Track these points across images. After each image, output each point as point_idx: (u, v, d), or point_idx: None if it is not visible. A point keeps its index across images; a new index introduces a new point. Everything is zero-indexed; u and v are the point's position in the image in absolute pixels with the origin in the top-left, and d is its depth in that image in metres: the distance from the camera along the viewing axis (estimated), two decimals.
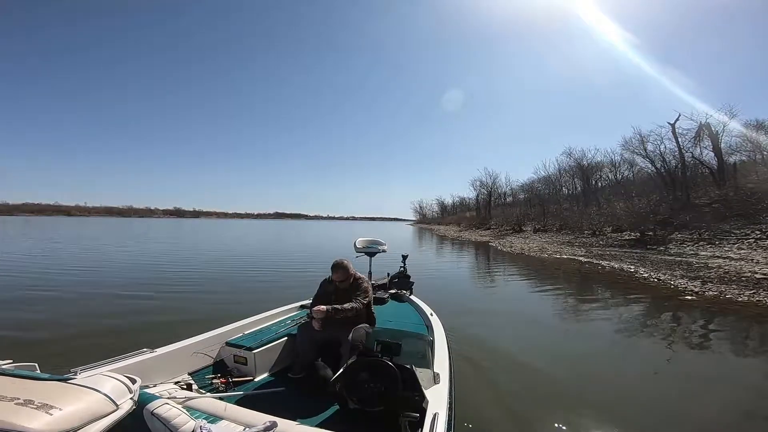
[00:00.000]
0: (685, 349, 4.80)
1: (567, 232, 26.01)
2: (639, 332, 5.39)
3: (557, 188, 42.11)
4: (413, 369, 1.94)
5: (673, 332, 5.50)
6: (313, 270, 10.70)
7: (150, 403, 1.33)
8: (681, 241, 15.21)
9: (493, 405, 3.13)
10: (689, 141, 24.24)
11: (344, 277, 2.86)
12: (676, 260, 11.52)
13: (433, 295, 4.45)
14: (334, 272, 2.86)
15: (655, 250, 14.28)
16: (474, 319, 5.74)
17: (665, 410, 3.07)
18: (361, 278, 2.95)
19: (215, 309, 6.09)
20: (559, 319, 6.31)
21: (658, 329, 5.59)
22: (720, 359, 4.35)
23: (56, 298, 6.90)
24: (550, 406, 3.12)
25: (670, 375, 3.88)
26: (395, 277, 4.85)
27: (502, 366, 3.94)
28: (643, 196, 25.28)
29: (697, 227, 16.12)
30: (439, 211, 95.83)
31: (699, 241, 14.53)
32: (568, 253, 15.87)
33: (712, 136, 23.37)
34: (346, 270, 2.87)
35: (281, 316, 3.49)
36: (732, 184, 20.35)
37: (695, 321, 5.96)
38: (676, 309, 6.60)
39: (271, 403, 2.10)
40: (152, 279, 9.16)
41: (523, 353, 4.26)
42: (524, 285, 9.69)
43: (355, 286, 2.89)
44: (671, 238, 16.10)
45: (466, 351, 4.14)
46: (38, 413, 0.98)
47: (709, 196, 20.98)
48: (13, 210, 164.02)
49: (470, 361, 3.95)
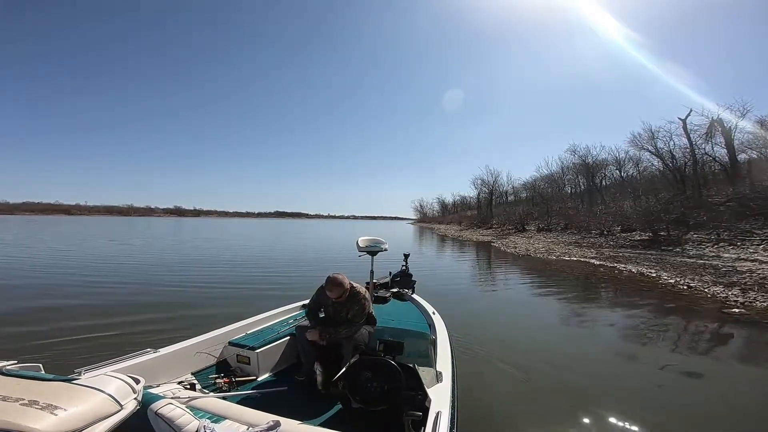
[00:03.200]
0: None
1: (573, 231, 25.18)
2: (684, 354, 4.46)
3: (560, 186, 41.24)
4: (416, 368, 1.95)
5: (740, 364, 4.26)
6: (313, 270, 11.03)
7: (154, 403, 1.33)
8: (698, 241, 14.34)
9: (497, 404, 3.12)
10: (700, 137, 23.32)
11: (340, 294, 2.70)
12: (698, 263, 10.67)
13: (434, 298, 4.29)
14: (329, 289, 2.68)
15: (671, 252, 13.42)
16: (475, 320, 5.70)
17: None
18: (358, 292, 2.77)
19: (218, 309, 6.14)
20: (567, 323, 6.03)
21: (711, 358, 4.39)
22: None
23: (58, 298, 6.87)
24: (552, 406, 3.08)
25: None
26: (397, 276, 4.80)
27: (505, 365, 3.89)
28: (651, 194, 24.34)
29: (715, 227, 15.18)
30: (439, 209, 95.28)
31: (719, 241, 13.67)
32: (577, 255, 15.06)
33: (725, 132, 22.44)
34: (342, 287, 2.70)
35: (284, 315, 3.46)
36: (747, 182, 19.40)
37: (759, 345, 4.80)
38: (726, 327, 5.52)
39: (274, 402, 2.10)
40: (153, 279, 9.13)
41: (528, 355, 4.21)
42: (531, 289, 9.05)
43: (352, 300, 2.74)
44: (687, 238, 15.17)
45: (468, 350, 4.11)
46: (43, 414, 0.99)
47: (723, 194, 20.04)
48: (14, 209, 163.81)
49: (473, 360, 3.94)
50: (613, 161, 34.18)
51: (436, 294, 7.15)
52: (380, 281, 4.55)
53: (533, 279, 10.53)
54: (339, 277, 2.70)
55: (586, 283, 9.75)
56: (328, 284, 2.67)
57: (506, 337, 5.05)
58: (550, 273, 11.37)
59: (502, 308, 7.16)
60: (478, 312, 6.61)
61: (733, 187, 19.79)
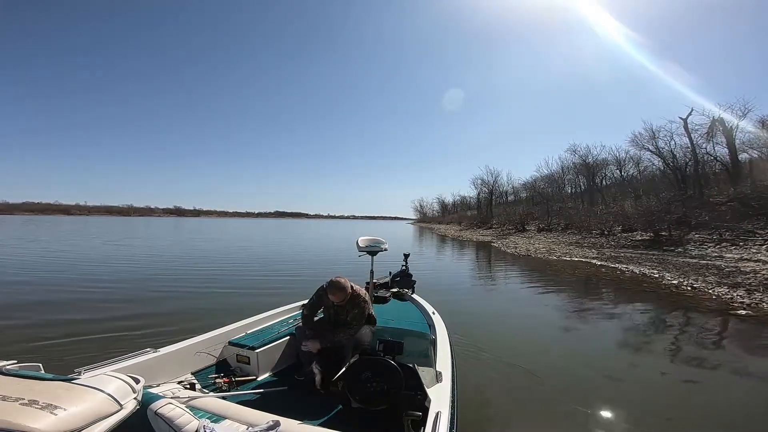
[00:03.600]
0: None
1: (573, 231, 25.09)
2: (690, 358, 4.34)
3: (560, 186, 41.15)
4: (416, 368, 1.94)
5: (749, 365, 4.14)
6: (313, 270, 11.13)
7: (153, 403, 1.33)
8: (700, 241, 14.23)
9: (496, 404, 3.11)
10: (701, 137, 23.23)
11: (343, 298, 2.68)
12: (700, 263, 10.56)
13: (434, 298, 4.27)
14: (332, 294, 2.66)
15: (673, 252, 13.31)
16: (476, 321, 5.69)
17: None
18: (358, 294, 2.75)
19: (217, 308, 6.12)
20: (568, 324, 5.96)
21: (720, 361, 4.24)
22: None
23: (58, 298, 6.85)
24: (553, 407, 3.07)
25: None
26: (397, 276, 4.80)
27: (506, 365, 3.88)
28: (651, 193, 24.24)
29: (717, 227, 15.09)
30: (439, 209, 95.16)
31: (721, 241, 13.56)
32: (578, 255, 14.93)
33: (726, 132, 22.34)
34: (345, 291, 2.68)
35: (283, 315, 3.45)
36: (749, 182, 19.31)
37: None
38: (732, 328, 5.47)
39: (274, 402, 2.13)
40: (153, 278, 9.10)
41: (529, 356, 4.19)
42: (531, 289, 8.90)
43: (352, 302, 2.72)
44: (688, 238, 15.08)
45: (468, 350, 4.08)
46: (43, 413, 0.99)
47: (724, 194, 19.95)
48: (13, 209, 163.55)
49: (473, 360, 3.92)
50: (614, 161, 34.13)
51: (435, 294, 7.08)
52: (380, 281, 4.57)
53: (534, 279, 10.40)
54: (342, 281, 2.67)
55: (587, 283, 9.65)
56: (332, 288, 2.64)
57: (507, 337, 5.04)
58: (552, 273, 11.21)
59: (503, 308, 7.10)
60: (478, 312, 6.58)
61: (734, 186, 19.70)
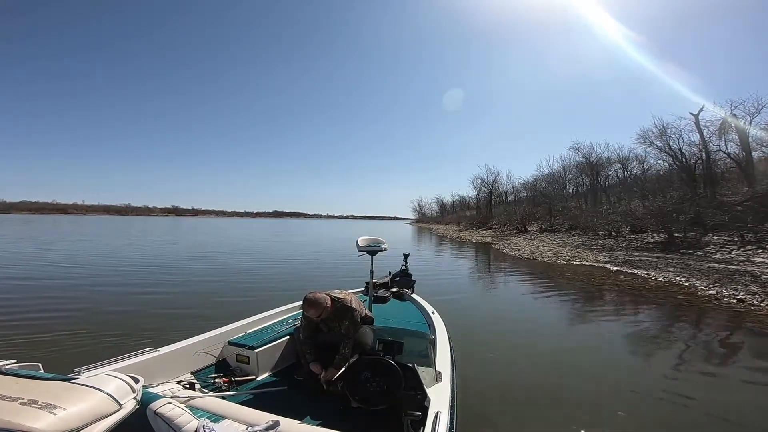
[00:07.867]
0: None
1: (578, 232, 24.07)
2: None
3: (562, 185, 40.17)
4: (415, 367, 1.95)
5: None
6: (314, 270, 11.13)
7: (153, 403, 1.33)
8: (720, 244, 13.19)
9: (496, 404, 3.10)
10: (713, 134, 22.22)
11: (319, 312, 2.53)
12: (729, 269, 9.51)
13: (434, 298, 4.22)
14: (306, 311, 2.57)
15: (693, 256, 12.29)
16: (476, 321, 5.68)
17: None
18: (343, 304, 2.65)
19: (217, 308, 6.09)
20: (576, 331, 5.70)
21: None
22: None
23: (58, 297, 6.81)
24: (553, 408, 3.04)
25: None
26: (397, 276, 4.78)
27: (506, 366, 3.88)
28: (660, 193, 23.20)
29: (738, 228, 14.04)
30: (438, 209, 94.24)
31: (744, 244, 12.49)
32: (589, 259, 13.84)
33: (739, 129, 21.31)
34: (320, 305, 2.53)
35: (283, 315, 3.42)
36: (765, 182, 18.29)
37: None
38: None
39: (273, 402, 2.10)
40: (152, 278, 9.10)
41: (529, 357, 4.18)
42: (541, 297, 8.01)
43: (340, 314, 2.64)
44: (706, 240, 14.03)
45: (468, 349, 4.10)
46: (42, 413, 0.98)
47: (738, 193, 18.92)
48: (10, 208, 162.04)
49: (473, 360, 3.92)
50: (617, 159, 33.11)
51: (436, 295, 6.90)
52: (380, 281, 4.56)
53: (542, 287, 9.19)
54: (314, 296, 2.54)
55: (608, 292, 8.38)
56: (305, 305, 2.55)
57: (508, 339, 4.98)
58: (562, 280, 9.94)
59: (505, 313, 6.60)
60: (479, 312, 6.42)
61: (749, 186, 18.68)
